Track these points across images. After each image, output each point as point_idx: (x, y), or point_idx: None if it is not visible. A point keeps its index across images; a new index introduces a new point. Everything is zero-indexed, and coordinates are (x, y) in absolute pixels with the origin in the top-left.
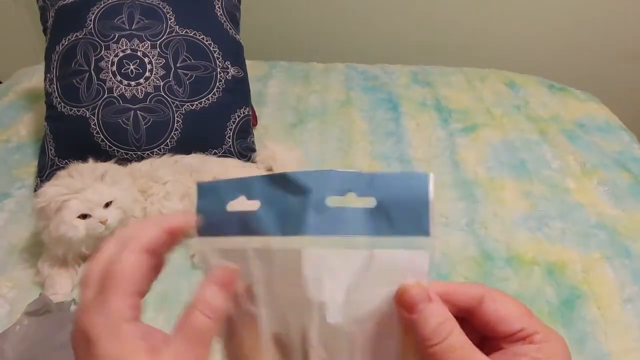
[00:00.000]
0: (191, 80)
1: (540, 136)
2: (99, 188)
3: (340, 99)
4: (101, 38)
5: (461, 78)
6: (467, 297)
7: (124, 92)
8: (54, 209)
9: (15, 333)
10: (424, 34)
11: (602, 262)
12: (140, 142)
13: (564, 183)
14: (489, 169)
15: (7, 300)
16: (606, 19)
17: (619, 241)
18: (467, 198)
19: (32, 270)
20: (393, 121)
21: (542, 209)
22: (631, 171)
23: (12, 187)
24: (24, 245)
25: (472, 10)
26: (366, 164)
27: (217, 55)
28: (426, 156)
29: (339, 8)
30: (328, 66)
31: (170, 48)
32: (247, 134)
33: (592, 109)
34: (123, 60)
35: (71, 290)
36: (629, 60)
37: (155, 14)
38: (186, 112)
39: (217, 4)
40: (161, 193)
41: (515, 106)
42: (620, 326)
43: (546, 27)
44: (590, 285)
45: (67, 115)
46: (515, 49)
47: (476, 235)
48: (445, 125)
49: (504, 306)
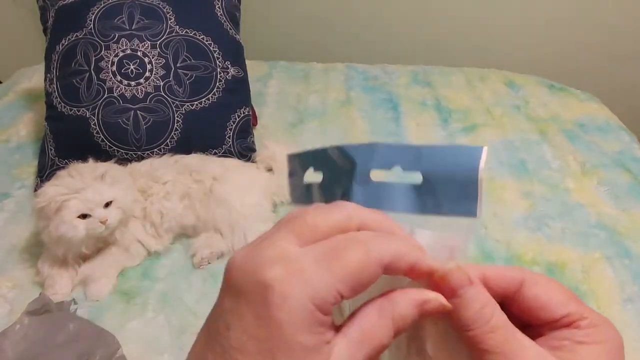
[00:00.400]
0: (191, 80)
1: (540, 136)
2: (99, 188)
3: (340, 99)
4: (101, 38)
5: (461, 78)
6: (504, 282)
7: (124, 92)
8: (54, 209)
9: (15, 332)
10: (424, 34)
11: (602, 262)
12: (140, 142)
13: (564, 183)
14: (489, 169)
15: (7, 300)
16: (606, 19)
17: (619, 241)
18: None
19: (32, 270)
20: (393, 121)
21: (542, 209)
22: (631, 171)
23: (12, 187)
24: (24, 245)
25: (472, 10)
26: None
27: (217, 55)
28: None
29: (339, 8)
30: (328, 66)
31: (170, 48)
32: (247, 134)
33: (592, 109)
34: (123, 60)
35: (71, 290)
36: (629, 60)
37: (155, 14)
38: (186, 112)
39: (217, 4)
40: (161, 193)
41: (515, 106)
42: (620, 326)
43: (546, 27)
44: (590, 285)
45: (67, 115)
46: (515, 49)
47: (476, 235)
48: (445, 125)
49: (546, 291)
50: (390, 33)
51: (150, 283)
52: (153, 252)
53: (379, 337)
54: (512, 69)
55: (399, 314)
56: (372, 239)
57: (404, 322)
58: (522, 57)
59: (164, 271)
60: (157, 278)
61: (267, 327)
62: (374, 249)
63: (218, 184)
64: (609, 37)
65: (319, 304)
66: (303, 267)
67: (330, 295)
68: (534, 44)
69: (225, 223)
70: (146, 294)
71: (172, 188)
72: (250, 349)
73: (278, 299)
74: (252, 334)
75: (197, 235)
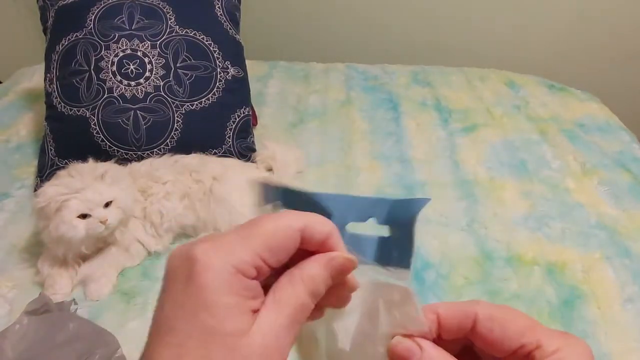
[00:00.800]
0: (191, 80)
1: (540, 136)
2: (98, 188)
3: (340, 99)
4: (101, 38)
5: (461, 78)
6: (457, 319)
7: (124, 92)
8: (54, 209)
9: (15, 332)
10: (424, 34)
11: (602, 262)
12: (140, 142)
13: (564, 183)
14: (489, 169)
15: (7, 300)
16: (606, 19)
17: (619, 241)
18: (467, 198)
19: (32, 270)
20: (393, 121)
21: (542, 209)
22: (631, 171)
23: (12, 187)
24: (24, 245)
25: (472, 10)
26: (366, 164)
27: (217, 55)
28: (426, 156)
29: (340, 8)
30: (328, 66)
31: (170, 48)
32: (247, 134)
33: (592, 109)
34: (123, 60)
35: (71, 290)
36: (629, 60)
37: (155, 14)
38: (186, 112)
39: (217, 4)
40: (161, 193)
41: (515, 106)
42: (620, 326)
43: (546, 27)
44: (591, 285)
45: (67, 115)
46: (515, 49)
47: (476, 235)
48: (445, 125)
49: (501, 324)
50: (390, 33)
51: (150, 283)
52: (153, 252)
53: (293, 297)
54: (512, 69)
55: (307, 274)
56: (288, 213)
57: (314, 282)
58: (522, 57)
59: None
60: (157, 278)
61: (191, 293)
62: (286, 216)
63: (218, 183)
64: (609, 37)
65: (238, 266)
66: (225, 239)
67: (248, 256)
68: (534, 44)
69: (225, 223)
70: (146, 294)
71: (172, 188)
72: (177, 315)
73: (201, 267)
74: (179, 302)
75: (197, 235)
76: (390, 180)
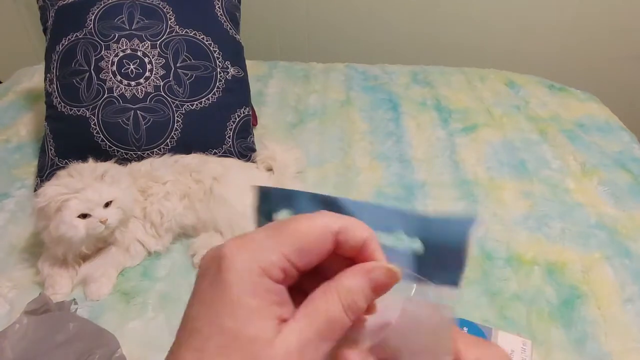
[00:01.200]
0: (191, 80)
1: (540, 136)
2: (98, 188)
3: (340, 99)
4: (101, 38)
5: (461, 78)
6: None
7: (124, 92)
8: (54, 209)
9: (15, 332)
10: (424, 34)
11: (602, 262)
12: (140, 142)
13: (564, 183)
14: (489, 169)
15: (7, 300)
16: (606, 19)
17: (619, 241)
18: (467, 198)
19: (32, 270)
20: (393, 121)
21: (542, 209)
22: (631, 171)
23: (12, 187)
24: (24, 245)
25: (472, 10)
26: (366, 164)
27: (217, 55)
28: (426, 156)
29: (340, 8)
30: (328, 66)
31: (170, 48)
32: (247, 134)
33: (592, 109)
34: (123, 60)
35: (71, 290)
36: (629, 60)
37: (155, 14)
38: (186, 112)
39: (217, 4)
40: (161, 193)
41: (515, 106)
42: (620, 326)
43: (546, 27)
44: (590, 285)
45: (67, 115)
46: (515, 49)
47: (476, 235)
48: (445, 125)
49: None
50: (390, 33)
51: (150, 283)
52: (153, 252)
53: (324, 310)
54: (512, 69)
55: (343, 285)
56: (322, 214)
57: (350, 294)
58: (522, 57)
59: (164, 271)
60: (157, 278)
61: (216, 290)
62: (321, 218)
63: (218, 184)
64: (609, 37)
65: (264, 267)
66: (254, 237)
67: (274, 256)
68: (534, 44)
69: (225, 223)
70: (146, 294)
71: (172, 188)
72: (201, 315)
73: (228, 264)
74: (205, 300)
75: (197, 235)
76: (390, 180)
